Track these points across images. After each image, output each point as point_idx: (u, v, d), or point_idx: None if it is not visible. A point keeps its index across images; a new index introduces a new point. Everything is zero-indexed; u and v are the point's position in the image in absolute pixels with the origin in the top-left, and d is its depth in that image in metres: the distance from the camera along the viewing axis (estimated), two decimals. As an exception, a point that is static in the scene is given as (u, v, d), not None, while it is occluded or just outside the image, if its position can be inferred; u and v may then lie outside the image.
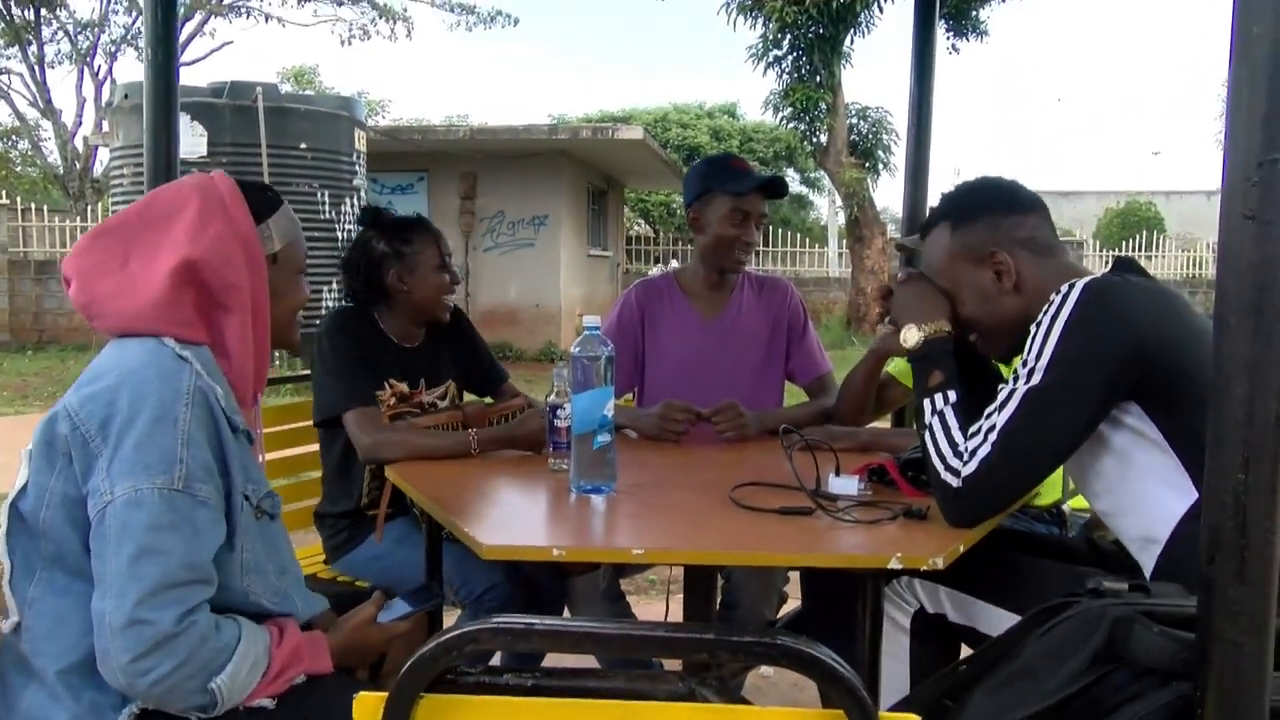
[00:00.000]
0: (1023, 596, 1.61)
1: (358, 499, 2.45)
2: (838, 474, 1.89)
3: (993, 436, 1.52)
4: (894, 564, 1.45)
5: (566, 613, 2.44)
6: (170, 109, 2.32)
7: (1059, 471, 2.42)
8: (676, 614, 2.23)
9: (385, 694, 0.82)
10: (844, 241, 18.27)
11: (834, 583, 2.01)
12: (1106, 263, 1.84)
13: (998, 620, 1.68)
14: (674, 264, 13.28)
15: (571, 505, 1.79)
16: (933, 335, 1.74)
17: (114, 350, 1.44)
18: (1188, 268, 21.37)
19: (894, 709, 1.13)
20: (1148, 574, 1.55)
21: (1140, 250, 21.30)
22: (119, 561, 1.27)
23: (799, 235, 20.34)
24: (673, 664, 1.46)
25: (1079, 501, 2.45)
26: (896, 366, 2.57)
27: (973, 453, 1.54)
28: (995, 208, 1.73)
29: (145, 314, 1.41)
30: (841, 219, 19.60)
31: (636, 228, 23.98)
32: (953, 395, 1.66)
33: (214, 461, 1.38)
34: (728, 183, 2.56)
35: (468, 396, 2.70)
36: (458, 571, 2.26)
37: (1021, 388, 1.53)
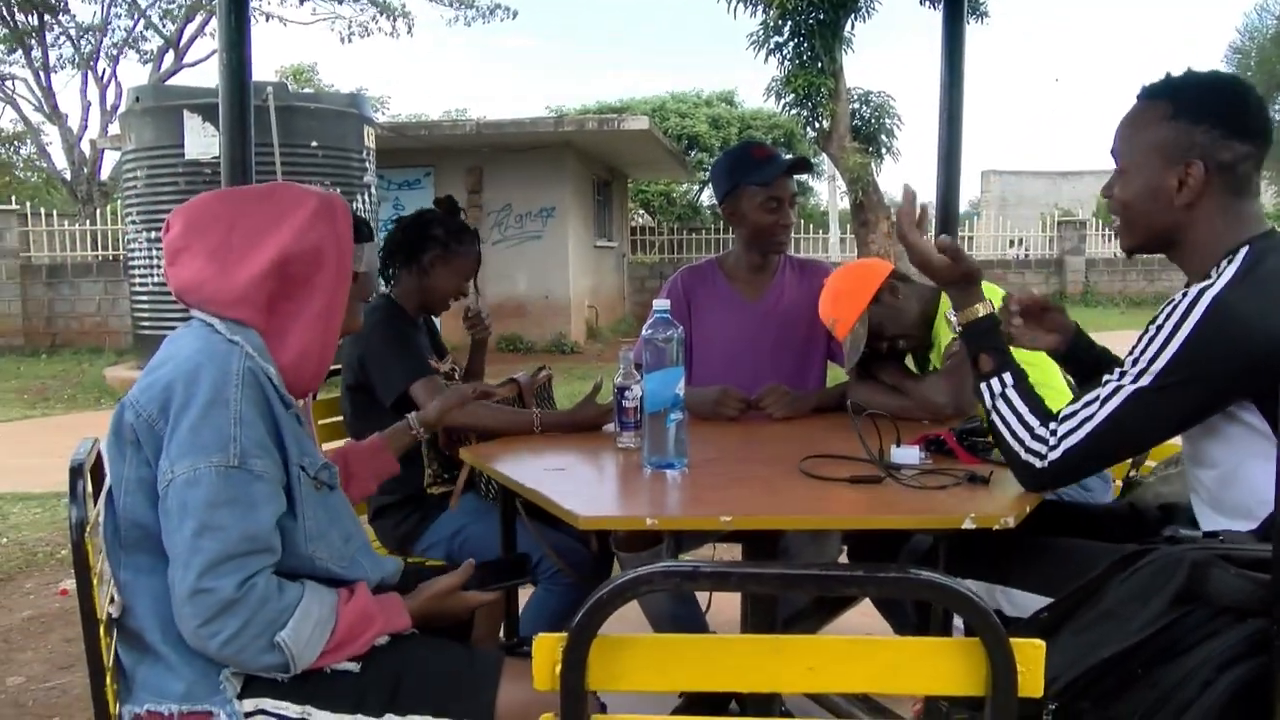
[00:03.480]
0: (1057, 582, 1.59)
1: (421, 481, 2.56)
2: (898, 444, 1.99)
3: (1089, 427, 1.53)
4: (968, 524, 1.55)
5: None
6: (245, 113, 2.40)
7: None
8: (720, 594, 2.32)
9: (564, 634, 0.91)
10: (847, 226, 18.33)
11: (882, 556, 2.11)
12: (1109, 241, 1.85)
13: (1033, 605, 1.67)
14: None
15: (649, 480, 1.89)
16: (967, 321, 1.75)
17: (169, 344, 1.54)
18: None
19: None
20: None
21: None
22: (182, 537, 1.38)
23: (800, 221, 20.41)
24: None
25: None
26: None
27: (1060, 439, 1.56)
28: (1222, 119, 1.58)
29: (223, 296, 1.51)
30: (843, 204, 19.67)
31: (638, 218, 24.03)
32: (1009, 378, 1.67)
33: (268, 436, 1.46)
34: (754, 174, 2.66)
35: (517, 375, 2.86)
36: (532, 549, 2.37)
37: (1129, 386, 1.51)
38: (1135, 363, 1.51)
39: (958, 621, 1.63)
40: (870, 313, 2.44)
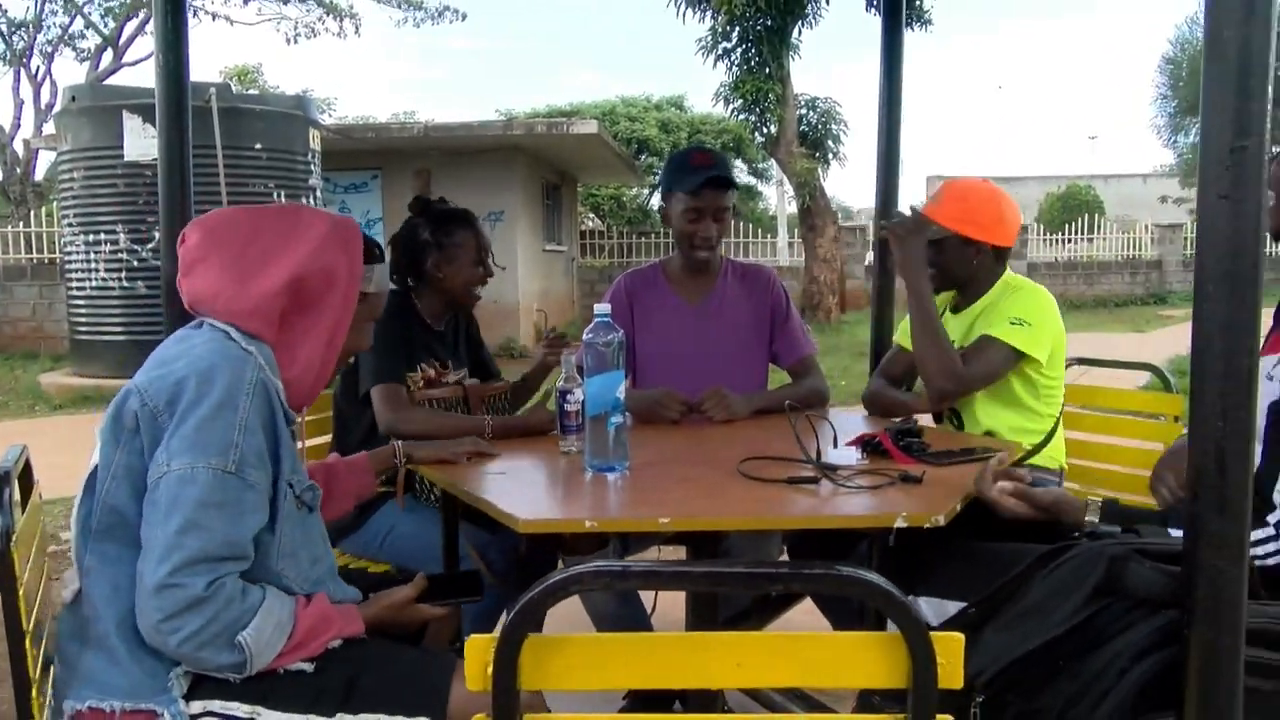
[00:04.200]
0: (973, 582, 1.65)
1: None
2: (835, 445, 2.03)
3: None
4: (900, 523, 1.58)
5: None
6: (183, 114, 2.37)
7: (1060, 433, 2.59)
8: (664, 594, 2.35)
9: (494, 635, 0.92)
10: (795, 231, 18.49)
11: (822, 557, 2.15)
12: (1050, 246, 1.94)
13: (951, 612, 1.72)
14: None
15: (589, 483, 1.90)
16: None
17: (181, 342, 1.55)
18: (1127, 249, 21.95)
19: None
20: None
21: (1082, 233, 21.83)
22: (166, 530, 1.38)
23: (749, 225, 20.55)
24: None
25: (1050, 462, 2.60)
26: (900, 336, 2.79)
27: None
28: None
29: (238, 308, 1.53)
30: (790, 208, 19.85)
31: (588, 222, 24.04)
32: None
33: (267, 449, 1.49)
34: (682, 181, 2.70)
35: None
36: (474, 547, 2.37)
37: None
38: None
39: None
40: (964, 244, 2.50)
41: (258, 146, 9.74)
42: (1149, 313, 18.33)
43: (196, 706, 1.43)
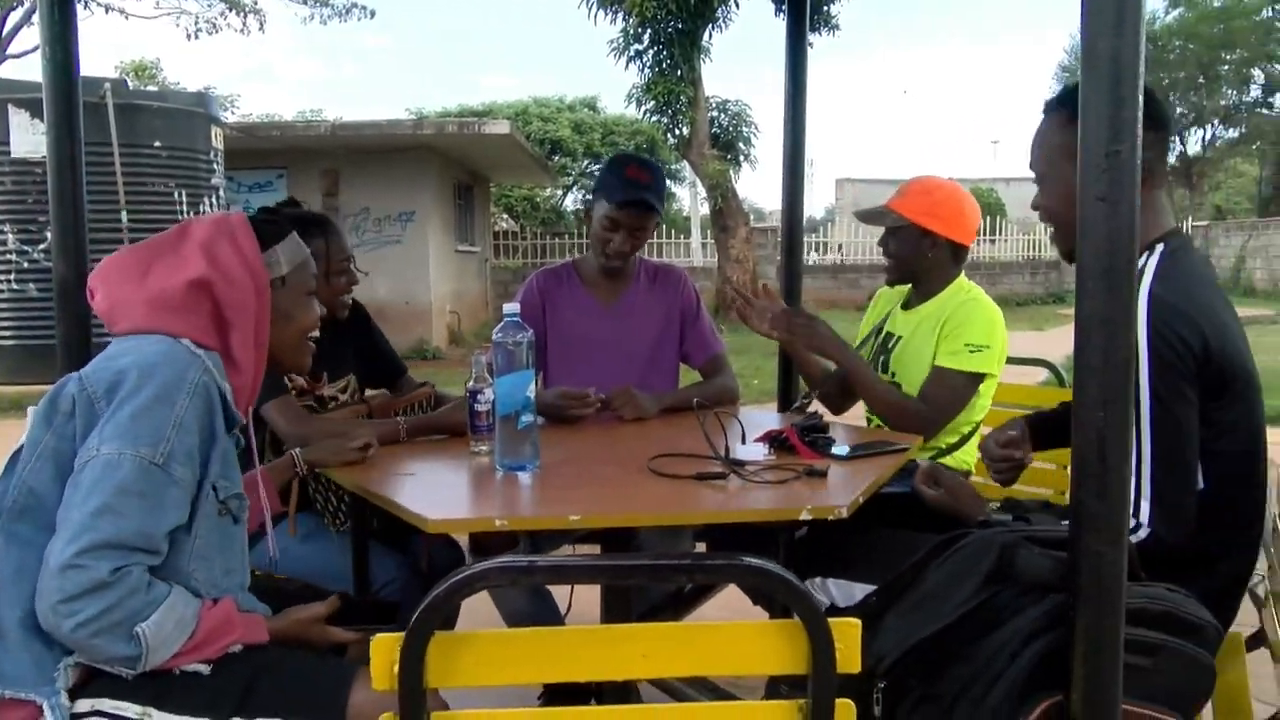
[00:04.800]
0: (883, 568, 1.70)
1: None
2: (744, 442, 2.07)
3: None
4: (805, 515, 1.63)
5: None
6: (73, 110, 2.28)
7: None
8: (579, 593, 2.37)
9: (401, 634, 0.92)
10: (708, 232, 18.67)
11: (738, 547, 2.19)
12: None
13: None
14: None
15: (500, 481, 1.90)
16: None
17: (132, 340, 1.54)
18: (1028, 250, 22.71)
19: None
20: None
21: (984, 235, 22.50)
22: (83, 511, 1.36)
23: (663, 226, 20.68)
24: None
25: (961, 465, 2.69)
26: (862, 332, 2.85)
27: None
28: None
29: (165, 315, 1.54)
30: (704, 210, 20.02)
31: (501, 223, 23.87)
32: None
33: (197, 450, 1.48)
34: (611, 190, 2.68)
35: (369, 391, 2.75)
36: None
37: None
38: None
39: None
40: (921, 235, 2.56)
41: (157, 144, 9.43)
42: (1048, 311, 19.01)
43: (85, 705, 1.40)
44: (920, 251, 2.60)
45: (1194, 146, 30.44)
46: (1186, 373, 1.55)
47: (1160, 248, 1.69)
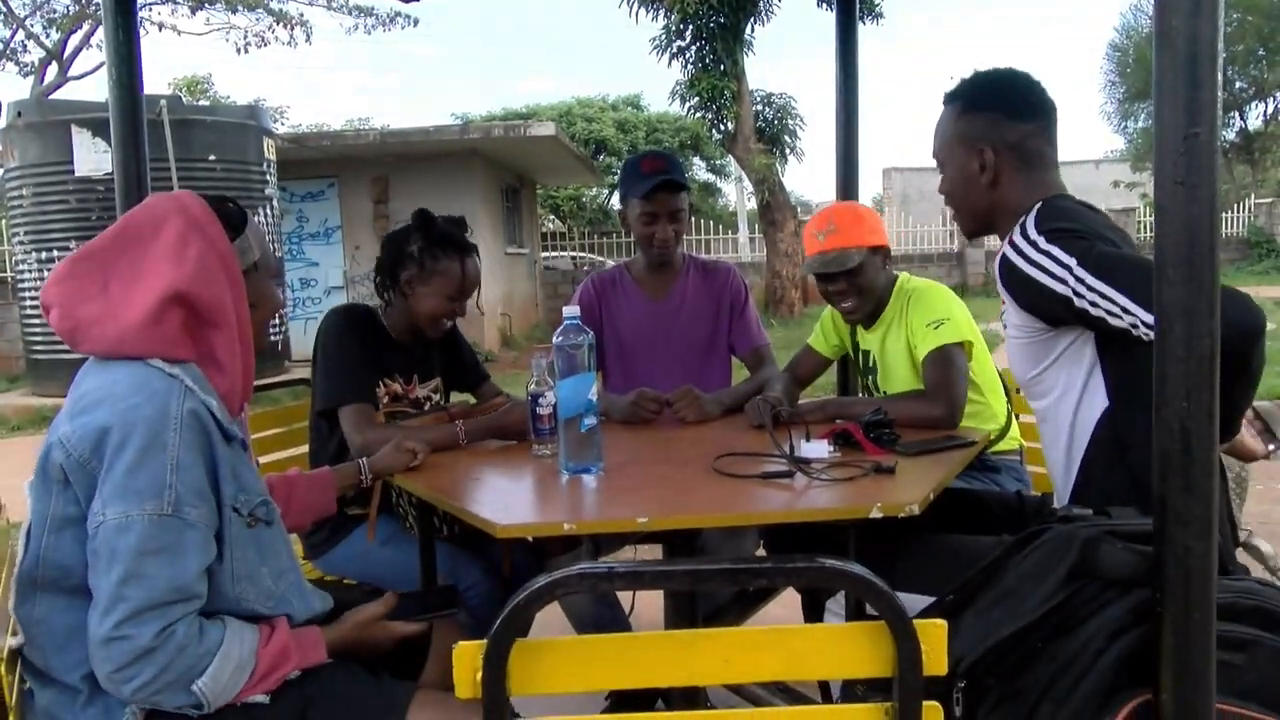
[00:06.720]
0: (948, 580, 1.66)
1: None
2: (807, 440, 2.05)
3: None
4: (875, 513, 1.60)
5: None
6: (137, 127, 2.33)
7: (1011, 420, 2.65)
8: (641, 594, 2.36)
9: (482, 642, 0.93)
10: (755, 226, 18.57)
11: (800, 548, 2.17)
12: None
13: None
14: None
15: (565, 485, 1.90)
16: None
17: (100, 375, 1.46)
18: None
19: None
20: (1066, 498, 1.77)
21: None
22: (108, 582, 1.34)
23: (710, 222, 20.62)
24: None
25: (1010, 443, 2.66)
26: (815, 339, 2.85)
27: None
28: (1000, 107, 1.85)
29: (130, 337, 1.44)
30: (750, 204, 19.92)
31: (548, 224, 23.99)
32: None
33: (205, 480, 1.42)
34: (635, 187, 2.76)
35: (453, 396, 2.79)
36: (449, 572, 2.34)
37: None
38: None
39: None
40: (872, 255, 2.55)
41: (211, 158, 9.65)
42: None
43: None
44: (878, 270, 2.59)
45: (1255, 121, 29.52)
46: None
47: (1036, 205, 1.76)
